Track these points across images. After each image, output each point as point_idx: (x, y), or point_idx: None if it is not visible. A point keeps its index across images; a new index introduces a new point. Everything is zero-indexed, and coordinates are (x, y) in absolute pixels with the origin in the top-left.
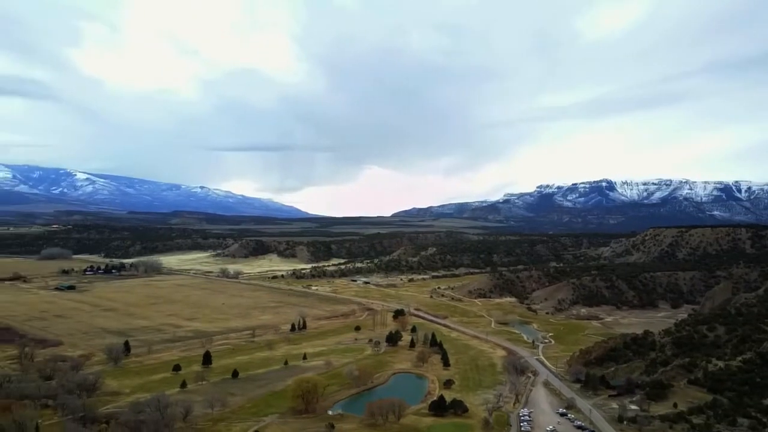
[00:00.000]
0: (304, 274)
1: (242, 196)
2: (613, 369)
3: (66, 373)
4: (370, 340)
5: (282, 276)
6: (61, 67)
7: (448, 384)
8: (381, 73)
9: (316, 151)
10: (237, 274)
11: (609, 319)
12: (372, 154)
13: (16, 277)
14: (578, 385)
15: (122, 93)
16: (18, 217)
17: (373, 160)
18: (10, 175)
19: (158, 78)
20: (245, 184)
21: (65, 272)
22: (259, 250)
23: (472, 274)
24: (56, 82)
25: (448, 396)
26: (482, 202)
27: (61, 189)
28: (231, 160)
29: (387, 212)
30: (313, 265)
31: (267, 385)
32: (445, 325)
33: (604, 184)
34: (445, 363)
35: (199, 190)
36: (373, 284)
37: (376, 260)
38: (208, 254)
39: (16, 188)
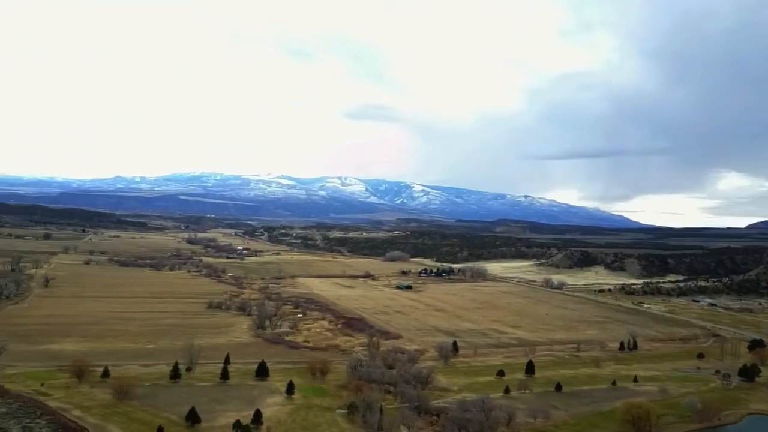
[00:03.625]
0: (634, 289)
1: (566, 204)
2: None
3: (404, 364)
4: (717, 371)
5: (609, 290)
6: (404, 91)
7: None
8: (734, 59)
9: (649, 156)
10: (560, 285)
11: None
12: (720, 155)
13: (367, 275)
14: None
15: (454, 110)
16: (369, 224)
17: (722, 162)
18: (363, 188)
19: (486, 92)
20: (569, 192)
21: (404, 273)
22: (584, 261)
23: None
24: (399, 105)
25: None
26: None
27: (401, 200)
28: (555, 168)
29: (741, 223)
30: (645, 280)
31: (592, 404)
32: None
33: None
34: None
35: (523, 199)
36: (721, 307)
37: (725, 279)
38: (531, 263)
39: (368, 199)
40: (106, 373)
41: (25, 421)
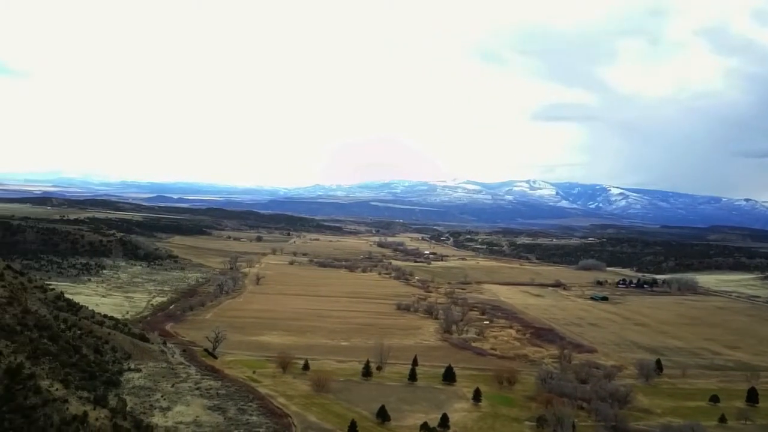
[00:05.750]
0: None
1: None
2: None
3: (599, 380)
4: None
5: None
6: (598, 87)
7: None
8: None
9: None
10: None
11: None
12: None
13: (557, 284)
14: None
15: (658, 105)
16: (559, 230)
17: None
18: (554, 192)
19: (697, 83)
20: None
21: (599, 283)
22: None
23: None
24: (593, 103)
25: None
26: None
27: (596, 204)
28: None
29: None
30: None
31: None
32: None
33: None
34: None
35: (743, 203)
36: None
37: None
38: (754, 276)
39: (558, 204)
40: (306, 366)
41: (240, 404)
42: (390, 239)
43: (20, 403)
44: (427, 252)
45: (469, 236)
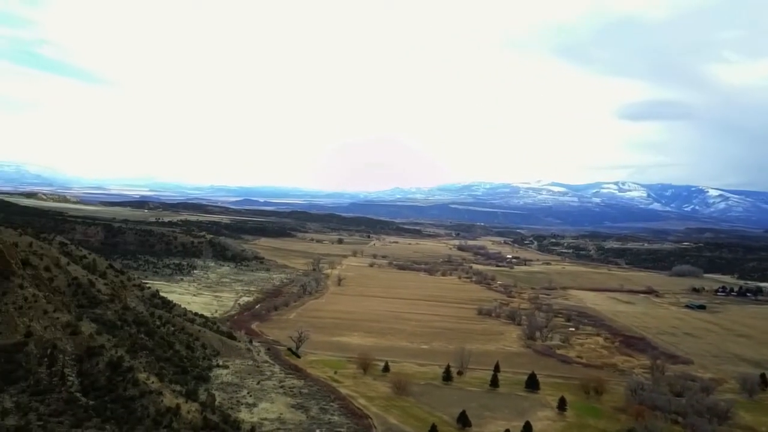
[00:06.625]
0: None
1: None
2: None
3: (695, 393)
4: None
5: None
6: (698, 84)
7: None
8: None
9: None
10: None
11: None
12: None
13: (649, 291)
14: None
15: (762, 100)
16: (651, 234)
17: None
18: (645, 194)
19: None
20: None
21: (695, 290)
22: None
23: None
24: (692, 100)
25: None
26: None
27: (692, 206)
28: None
29: None
30: None
31: None
32: None
33: None
34: None
35: None
36: None
37: None
38: None
39: (650, 206)
40: (386, 368)
41: (322, 403)
42: (470, 243)
43: (120, 394)
44: (509, 256)
45: (554, 240)
